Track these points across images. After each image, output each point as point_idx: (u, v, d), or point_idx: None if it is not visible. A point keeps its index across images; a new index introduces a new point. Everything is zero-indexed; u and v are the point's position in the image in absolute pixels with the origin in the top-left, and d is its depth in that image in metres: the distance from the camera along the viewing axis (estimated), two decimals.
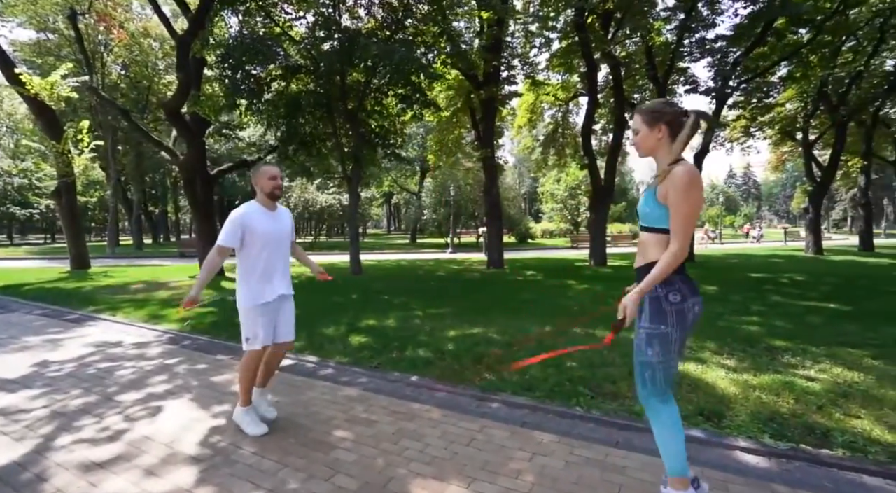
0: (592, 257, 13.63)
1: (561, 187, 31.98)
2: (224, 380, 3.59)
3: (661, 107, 1.82)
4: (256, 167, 2.76)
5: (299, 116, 10.53)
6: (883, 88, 16.39)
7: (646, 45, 14.41)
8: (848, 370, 3.63)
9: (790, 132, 18.43)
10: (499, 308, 6.53)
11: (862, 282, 9.33)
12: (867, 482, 2.16)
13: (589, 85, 13.01)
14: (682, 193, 1.67)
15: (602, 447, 2.48)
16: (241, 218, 2.58)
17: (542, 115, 19.29)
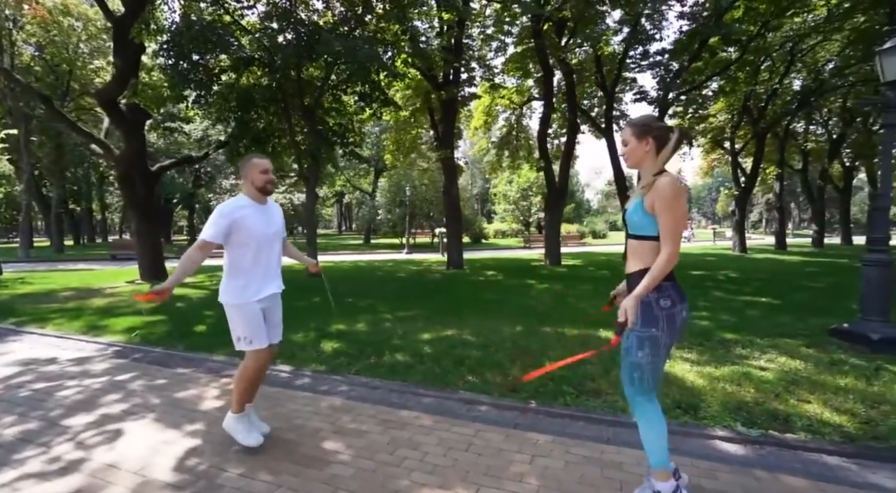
0: (548, 256, 14.09)
1: (513, 189, 32.79)
2: (191, 396, 3.31)
3: (650, 122, 1.93)
4: (246, 160, 2.58)
5: (252, 110, 9.98)
6: (793, 106, 18.40)
7: (595, 55, 15.16)
8: (791, 359, 4.01)
9: (720, 141, 20.17)
10: (467, 309, 6.56)
11: (784, 277, 10.38)
12: (828, 461, 2.40)
13: (545, 90, 13.43)
14: (669, 202, 1.76)
15: (595, 444, 2.56)
16: (230, 212, 2.40)
17: (496, 117, 19.68)
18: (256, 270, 2.49)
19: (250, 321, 2.45)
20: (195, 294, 8.13)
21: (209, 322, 5.65)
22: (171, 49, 7.93)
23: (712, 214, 71.52)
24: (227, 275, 2.48)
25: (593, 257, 17.28)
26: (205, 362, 4.13)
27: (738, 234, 18.97)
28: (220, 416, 2.92)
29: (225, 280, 2.49)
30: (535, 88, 18.20)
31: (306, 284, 9.11)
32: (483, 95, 15.45)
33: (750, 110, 17.76)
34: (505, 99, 17.59)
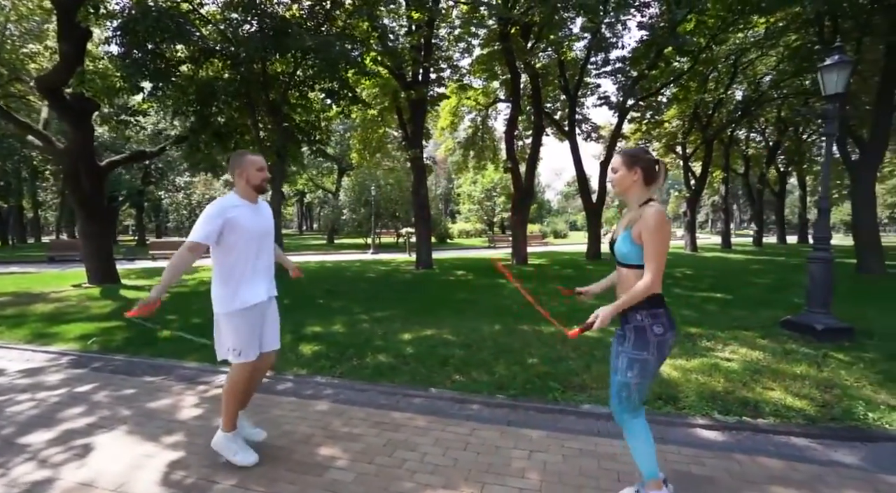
0: (515, 256, 14.35)
1: (477, 189, 33.15)
2: (165, 406, 3.12)
3: (640, 153, 2.01)
4: (239, 155, 2.42)
5: (213, 104, 9.50)
6: (736, 114, 19.80)
7: (559, 60, 15.63)
8: (751, 350, 4.32)
9: (672, 146, 21.34)
10: (443, 309, 6.58)
11: (732, 274, 11.14)
12: (795, 442, 2.61)
13: (512, 92, 13.66)
14: (654, 232, 1.82)
15: (588, 437, 2.65)
16: (222, 211, 2.26)
17: (462, 118, 19.85)
18: (251, 272, 2.36)
19: (243, 331, 2.32)
20: None
21: (174, 327, 5.34)
22: (124, 36, 7.40)
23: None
24: (219, 281, 2.32)
25: (557, 257, 17.79)
26: (176, 370, 3.90)
27: (689, 233, 20.16)
28: (202, 425, 2.79)
29: (217, 288, 2.33)
30: (501, 89, 18.54)
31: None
32: (451, 95, 15.52)
33: (699, 118, 18.93)
34: (471, 100, 17.78)
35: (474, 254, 21.02)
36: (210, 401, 3.19)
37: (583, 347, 4.43)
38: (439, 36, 12.38)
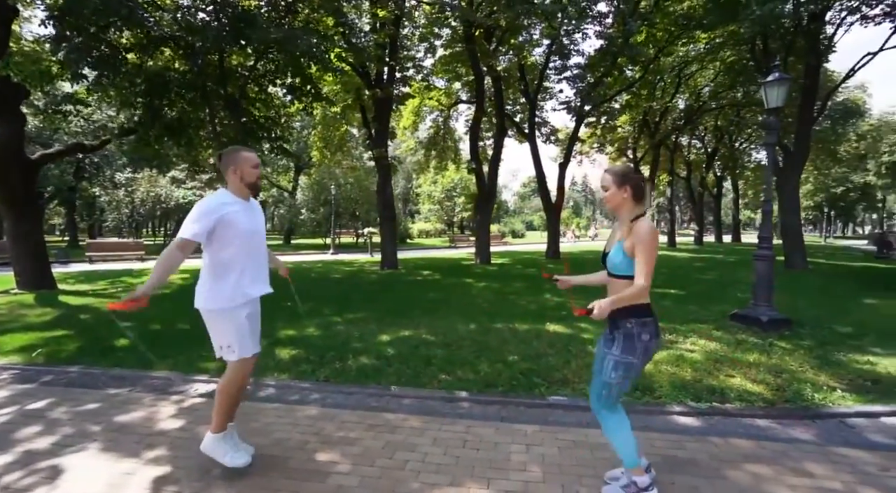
0: (478, 255, 14.57)
1: (438, 189, 33.25)
2: (139, 419, 2.92)
3: (628, 172, 2.14)
4: (233, 151, 2.33)
5: (164, 96, 8.91)
6: (679, 122, 21.24)
7: (519, 63, 16.04)
8: (709, 341, 4.69)
9: (624, 150, 22.52)
10: (416, 309, 6.58)
11: (680, 271, 11.94)
12: (759, 423, 2.88)
13: (477, 94, 13.85)
14: (646, 244, 1.95)
15: (578, 429, 2.77)
16: (215, 208, 2.17)
17: (424, 118, 19.87)
18: (245, 270, 2.29)
19: (238, 328, 2.25)
20: (101, 303, 7.07)
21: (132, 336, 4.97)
22: (62, 18, 6.75)
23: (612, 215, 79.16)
24: (211, 277, 2.24)
25: (518, 256, 18.23)
26: (143, 380, 3.65)
27: None
28: (186, 437, 2.65)
29: (208, 284, 2.24)
30: (463, 90, 18.74)
31: None
32: (416, 95, 15.50)
33: (648, 124, 20.12)
34: (434, 100, 17.84)
35: (437, 254, 21.10)
36: (190, 412, 3.02)
37: (558, 344, 4.62)
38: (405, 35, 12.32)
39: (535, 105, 16.71)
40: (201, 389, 3.48)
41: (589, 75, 15.10)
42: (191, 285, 10.06)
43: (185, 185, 18.23)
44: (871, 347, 4.62)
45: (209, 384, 3.55)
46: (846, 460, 2.42)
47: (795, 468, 2.33)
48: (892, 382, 3.60)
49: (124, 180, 18.16)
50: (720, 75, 18.46)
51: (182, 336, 4.91)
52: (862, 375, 3.72)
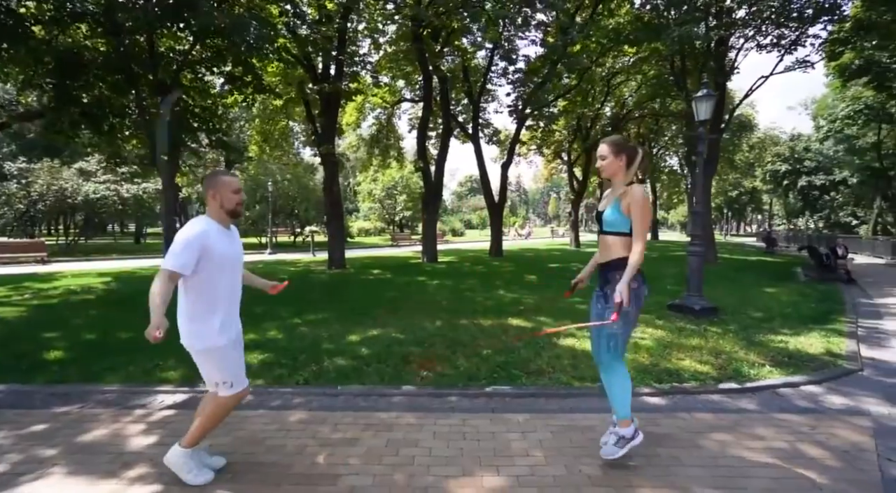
0: (425, 254, 14.65)
1: (378, 187, 32.79)
2: (103, 437, 2.64)
3: (623, 141, 2.42)
4: (213, 176, 2.22)
5: (80, 77, 7.93)
6: (608, 129, 22.92)
7: (462, 65, 16.34)
8: (656, 329, 5.18)
9: (559, 153, 23.82)
10: (377, 309, 6.52)
11: None
12: (713, 398, 3.29)
13: (425, 93, 13.90)
14: (642, 208, 2.24)
15: (564, 414, 2.98)
16: (199, 237, 2.03)
17: (367, 115, 19.54)
18: (228, 302, 2.19)
19: (230, 363, 2.17)
20: (9, 313, 6.14)
21: (62, 345, 4.43)
22: None
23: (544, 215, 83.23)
24: (195, 313, 2.09)
25: (462, 254, 18.56)
26: (92, 395, 3.28)
27: (573, 231, 22.74)
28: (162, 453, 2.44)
29: (190, 320, 2.10)
30: (406, 89, 18.69)
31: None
32: (366, 91, 15.19)
33: (581, 129, 21.47)
34: (378, 97, 17.61)
35: (381, 253, 20.86)
36: (163, 425, 2.79)
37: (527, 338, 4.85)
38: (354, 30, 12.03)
39: (478, 107, 17.13)
40: (167, 400, 3.22)
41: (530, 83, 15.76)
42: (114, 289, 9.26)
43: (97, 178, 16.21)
44: (780, 328, 5.41)
45: (175, 395, 3.29)
46: (784, 423, 2.86)
47: (749, 433, 2.71)
48: (801, 356, 4.27)
49: (16, 171, 15.71)
50: (642, 87, 20.24)
51: (125, 345, 4.47)
52: (779, 352, 4.36)
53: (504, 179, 17.95)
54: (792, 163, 34.59)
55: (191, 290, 2.09)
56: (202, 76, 9.71)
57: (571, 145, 22.60)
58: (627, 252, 2.28)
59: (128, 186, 16.83)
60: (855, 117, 24.11)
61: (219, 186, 2.16)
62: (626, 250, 2.28)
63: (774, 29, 13.18)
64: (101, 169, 16.31)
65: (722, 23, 12.67)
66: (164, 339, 1.90)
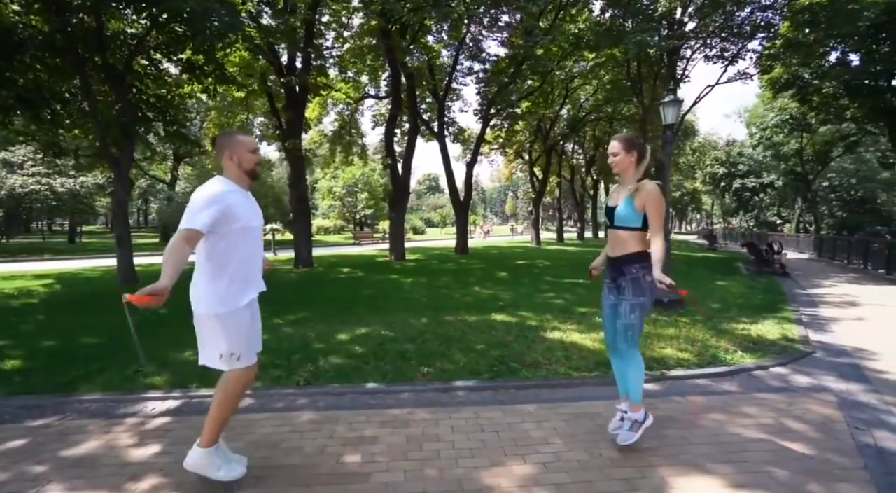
0: (393, 252, 14.56)
1: (338, 184, 32.06)
2: (97, 449, 2.44)
3: (634, 138, 2.55)
4: (228, 136, 2.13)
5: (16, 58, 7.17)
6: (566, 131, 23.79)
7: (429, 63, 16.35)
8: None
9: (521, 153, 24.40)
10: (358, 307, 6.42)
11: (578, 263, 13.45)
12: (700, 382, 3.54)
13: (393, 90, 13.76)
14: (658, 203, 2.39)
15: (570, 403, 3.10)
16: (221, 197, 1.94)
17: (329, 111, 19.06)
18: (246, 266, 2.08)
19: (241, 331, 2.04)
20: None
21: (19, 354, 4.01)
22: None
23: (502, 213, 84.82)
24: (208, 277, 1.99)
25: (428, 252, 18.60)
26: (69, 406, 3.01)
27: (534, 229, 23.40)
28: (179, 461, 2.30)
29: (204, 284, 1.99)
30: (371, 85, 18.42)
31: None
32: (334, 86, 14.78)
33: (542, 130, 22.12)
34: (341, 93, 17.22)
35: (345, 251, 20.47)
36: (164, 433, 2.62)
37: (513, 331, 4.96)
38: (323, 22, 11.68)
39: (444, 105, 17.20)
40: (159, 407, 3.02)
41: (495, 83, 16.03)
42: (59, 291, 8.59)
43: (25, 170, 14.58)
44: (739, 317, 5.90)
45: (166, 402, 3.09)
46: (765, 402, 3.15)
47: (739, 412, 2.96)
48: (764, 342, 4.68)
49: None
50: (598, 91, 21.18)
51: (93, 352, 4.14)
52: (745, 338, 4.76)
53: (469, 177, 18.16)
54: (728, 166, 37.53)
55: (205, 252, 1.97)
56: (158, 63, 9.05)
57: (532, 145, 23.21)
58: (639, 246, 2.42)
59: (62, 180, 15.35)
60: (781, 126, 26.58)
61: (235, 145, 2.07)
62: (638, 245, 2.41)
63: (719, 42, 14.25)
64: (32, 161, 14.75)
65: (674, 33, 13.54)
66: (159, 306, 1.73)
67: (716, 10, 12.68)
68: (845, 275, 11.85)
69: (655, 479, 2.16)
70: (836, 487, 2.12)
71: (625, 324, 2.43)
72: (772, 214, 39.79)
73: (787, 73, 17.28)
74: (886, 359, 4.25)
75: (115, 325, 5.16)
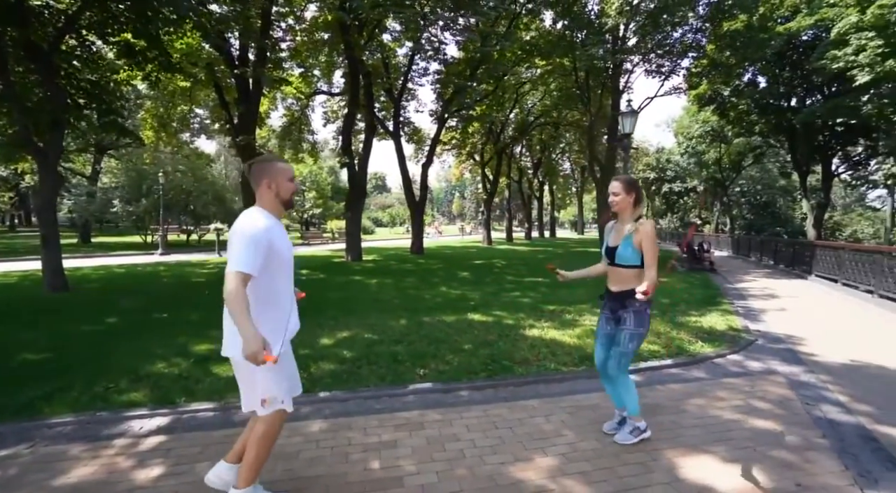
0: (350, 252, 14.24)
1: None
2: (88, 475, 2.22)
3: (633, 181, 2.73)
4: (268, 162, 1.98)
5: None
6: (515, 134, 24.60)
7: (384, 61, 16.18)
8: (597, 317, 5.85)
9: (472, 154, 24.84)
10: (331, 309, 6.26)
11: (531, 262, 13.99)
12: (674, 371, 3.89)
13: (352, 88, 13.45)
14: (652, 240, 2.56)
15: (568, 396, 3.29)
16: (264, 233, 1.83)
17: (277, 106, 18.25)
18: (288, 303, 2.01)
19: (284, 374, 1.99)
20: None
21: None
22: None
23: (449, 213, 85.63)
24: (259, 316, 1.85)
25: (384, 252, 18.37)
26: (36, 431, 2.70)
27: (485, 229, 23.94)
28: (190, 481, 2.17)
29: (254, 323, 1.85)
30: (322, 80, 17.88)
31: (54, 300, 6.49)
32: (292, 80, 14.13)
33: (493, 133, 22.68)
34: (292, 88, 16.54)
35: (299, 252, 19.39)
36: (164, 453, 2.44)
37: (493, 331, 5.10)
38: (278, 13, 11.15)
39: (399, 105, 17.10)
40: (147, 425, 2.79)
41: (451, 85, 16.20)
42: None
43: None
44: (688, 311, 6.49)
45: (154, 419, 2.87)
46: (732, 386, 3.54)
47: (713, 396, 3.30)
48: (716, 333, 5.21)
49: None
50: (545, 97, 22.15)
51: (43, 369, 3.71)
52: (700, 330, 5.27)
53: (424, 177, 18.21)
54: (658, 172, 40.70)
55: (254, 291, 1.85)
56: (90, 44, 8.17)
57: (484, 147, 23.74)
58: (638, 282, 2.60)
59: None
60: (704, 137, 29.39)
61: (275, 173, 1.95)
62: (639, 280, 2.59)
63: (656, 58, 15.49)
64: None
65: (619, 48, 14.51)
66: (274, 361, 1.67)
67: (655, 29, 13.76)
68: (761, 271, 13.38)
69: (664, 461, 2.38)
70: (807, 455, 2.46)
71: (621, 352, 2.58)
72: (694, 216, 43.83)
73: (710, 90, 19.22)
74: (812, 344, 4.92)
75: (58, 337, 4.65)
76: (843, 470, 2.32)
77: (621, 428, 2.69)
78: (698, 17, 14.24)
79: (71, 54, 8.00)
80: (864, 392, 3.43)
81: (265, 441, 1.96)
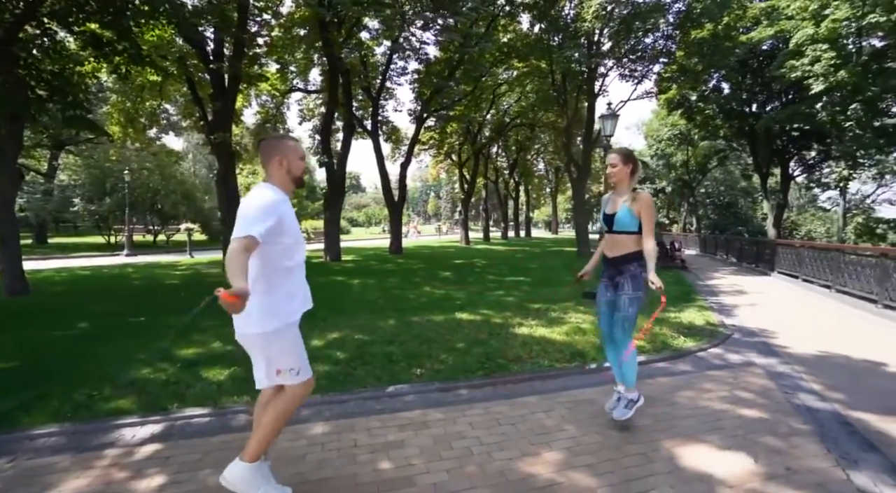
0: (328, 252, 14.03)
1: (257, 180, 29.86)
2: (84, 488, 2.11)
3: (630, 152, 2.89)
4: (279, 140, 2.03)
5: None
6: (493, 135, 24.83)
7: (361, 59, 16.01)
8: (583, 315, 5.96)
9: (450, 154, 24.90)
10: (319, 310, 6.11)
11: (511, 262, 14.16)
12: (661, 365, 4.03)
13: (331, 85, 13.24)
14: (651, 209, 2.74)
15: (565, 392, 3.36)
16: (275, 205, 1.86)
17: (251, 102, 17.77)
18: (299, 276, 2.04)
19: (298, 345, 2.01)
20: None
21: None
22: None
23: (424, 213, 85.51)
24: (261, 291, 1.86)
25: (362, 252, 18.16)
26: (18, 443, 2.54)
27: (463, 229, 24.05)
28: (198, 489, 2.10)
29: (261, 299, 1.86)
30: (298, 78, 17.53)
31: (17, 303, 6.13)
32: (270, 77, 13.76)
33: (471, 133, 22.82)
34: (267, 84, 16.14)
35: None
36: (160, 462, 2.35)
37: (483, 329, 5.15)
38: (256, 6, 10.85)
39: (377, 103, 16.97)
40: (139, 433, 2.68)
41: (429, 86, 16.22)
42: None
43: None
44: (667, 307, 6.73)
45: (146, 426, 2.75)
46: (716, 377, 3.71)
47: (700, 387, 3.45)
48: (695, 328, 5.43)
49: None
50: (521, 99, 22.46)
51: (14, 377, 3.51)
52: (681, 326, 5.48)
53: (403, 177, 18.12)
54: None
55: (265, 264, 1.87)
56: (53, 34, 7.72)
57: (462, 147, 23.84)
58: (636, 247, 2.74)
59: None
60: (672, 140, 30.49)
61: (287, 150, 1.99)
62: (635, 246, 2.73)
63: (630, 63, 15.96)
64: None
65: (594, 52, 14.88)
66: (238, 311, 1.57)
67: (628, 34, 14.19)
68: (728, 268, 14.01)
69: (664, 451, 2.47)
70: (793, 441, 2.61)
71: (623, 316, 2.73)
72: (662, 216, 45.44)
73: (678, 95, 19.99)
74: (783, 336, 5.20)
75: (27, 344, 4.39)
76: (826, 453, 2.47)
77: (618, 405, 2.78)
78: (669, 25, 14.77)
79: (31, 43, 7.55)
80: (835, 381, 3.66)
81: (283, 416, 1.98)
